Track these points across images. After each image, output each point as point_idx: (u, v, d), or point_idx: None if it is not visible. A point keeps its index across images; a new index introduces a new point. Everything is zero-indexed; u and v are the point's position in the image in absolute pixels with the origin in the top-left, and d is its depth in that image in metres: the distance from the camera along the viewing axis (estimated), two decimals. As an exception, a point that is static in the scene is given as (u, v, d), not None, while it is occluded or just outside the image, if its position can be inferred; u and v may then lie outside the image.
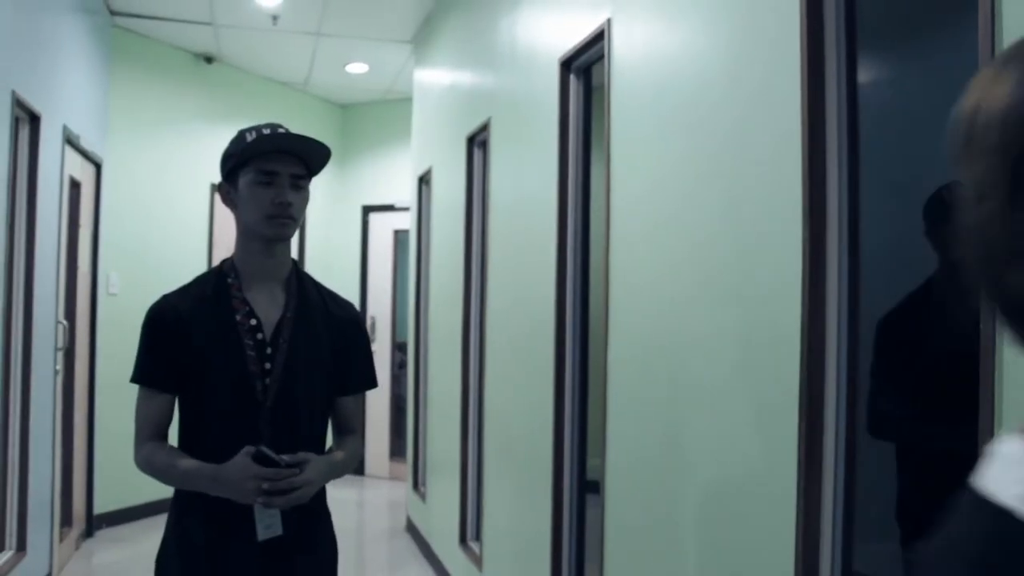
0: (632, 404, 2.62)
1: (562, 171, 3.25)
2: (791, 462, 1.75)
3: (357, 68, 7.21)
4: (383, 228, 8.27)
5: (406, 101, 7.13)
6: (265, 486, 1.79)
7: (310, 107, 8.07)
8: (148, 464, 1.93)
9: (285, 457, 1.82)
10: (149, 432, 1.94)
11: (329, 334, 2.05)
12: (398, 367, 8.05)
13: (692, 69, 2.29)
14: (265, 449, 1.81)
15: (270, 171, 1.93)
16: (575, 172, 3.24)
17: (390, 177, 7.99)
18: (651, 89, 2.53)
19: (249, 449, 1.81)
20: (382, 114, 8.21)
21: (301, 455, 1.86)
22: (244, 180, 1.95)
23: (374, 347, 7.97)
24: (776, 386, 1.82)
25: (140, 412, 1.96)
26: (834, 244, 1.72)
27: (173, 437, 2.00)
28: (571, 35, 3.13)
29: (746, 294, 1.99)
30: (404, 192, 7.35)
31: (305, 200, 2.00)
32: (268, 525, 1.88)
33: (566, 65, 3.20)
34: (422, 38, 6.21)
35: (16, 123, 3.99)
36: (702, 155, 2.22)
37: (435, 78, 5.87)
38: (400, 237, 8.03)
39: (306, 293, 2.05)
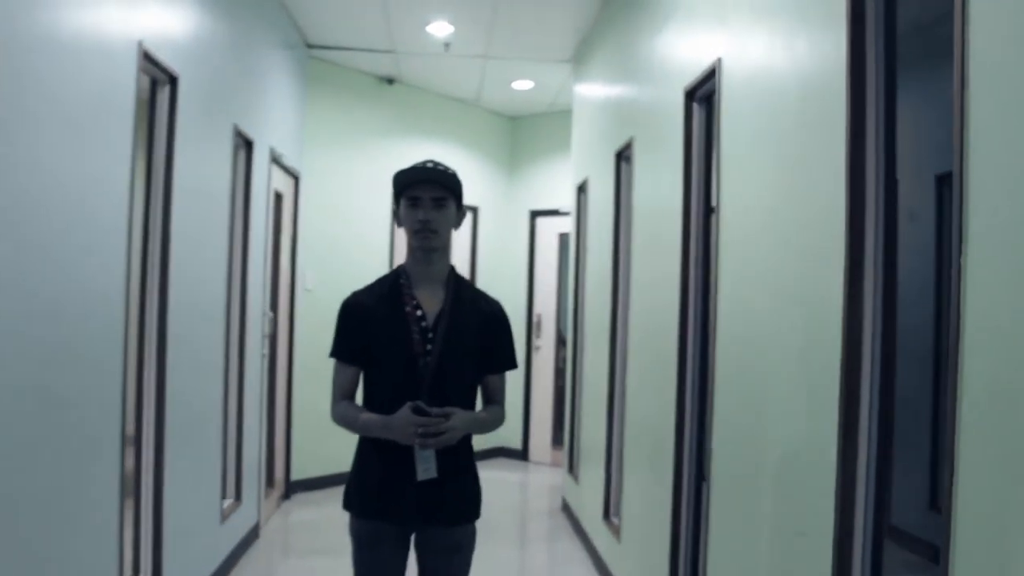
0: (729, 394, 3.03)
1: (686, 188, 3.67)
2: (833, 435, 2.14)
3: (523, 85, 7.79)
4: (549, 231, 8.72)
5: (568, 113, 7.62)
6: (420, 430, 2.37)
7: (482, 119, 8.72)
8: (340, 417, 2.56)
9: (436, 409, 2.41)
10: (340, 394, 2.58)
11: (478, 325, 2.61)
12: (561, 362, 8.56)
13: (771, 102, 2.69)
14: (421, 404, 2.40)
15: (414, 196, 2.51)
16: (697, 190, 3.64)
17: (555, 183, 8.44)
18: (748, 119, 2.93)
19: (410, 404, 2.41)
20: (547, 125, 8.73)
21: (448, 408, 2.43)
22: (402, 204, 2.54)
23: (539, 343, 8.62)
24: (824, 374, 2.22)
25: (335, 379, 2.60)
26: (871, 262, 2.09)
27: (358, 398, 2.61)
28: (692, 69, 3.54)
29: (809, 301, 2.39)
30: (567, 197, 7.84)
31: (448, 217, 2.54)
32: (426, 468, 2.45)
33: (689, 94, 3.62)
34: (580, 57, 6.70)
35: (235, 149, 4.81)
36: (778, 182, 2.62)
37: (591, 94, 6.33)
38: (564, 240, 8.42)
39: (461, 292, 2.62)
